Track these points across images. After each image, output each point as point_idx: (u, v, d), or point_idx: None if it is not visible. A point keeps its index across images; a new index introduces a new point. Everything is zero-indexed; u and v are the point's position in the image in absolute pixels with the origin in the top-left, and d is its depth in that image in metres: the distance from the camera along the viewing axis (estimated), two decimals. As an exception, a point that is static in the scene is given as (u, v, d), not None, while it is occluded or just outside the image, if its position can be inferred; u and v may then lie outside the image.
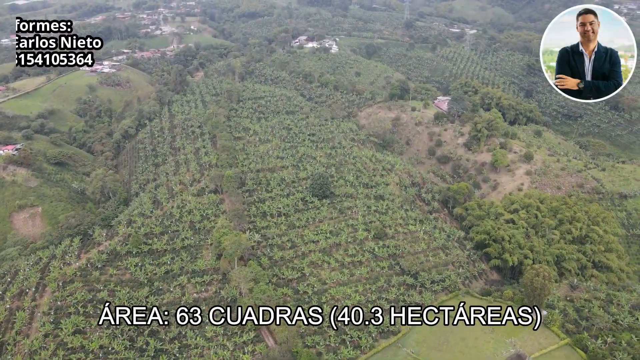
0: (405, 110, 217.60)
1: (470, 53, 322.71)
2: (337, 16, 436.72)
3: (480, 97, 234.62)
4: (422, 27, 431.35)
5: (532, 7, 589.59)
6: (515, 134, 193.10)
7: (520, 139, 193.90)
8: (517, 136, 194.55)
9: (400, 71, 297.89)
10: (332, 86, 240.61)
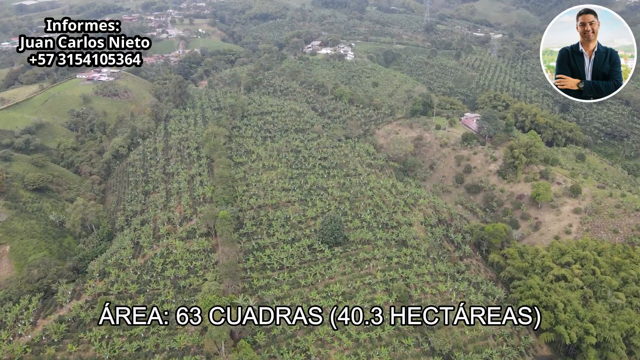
0: (428, 128, 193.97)
1: (498, 61, 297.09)
2: (353, 19, 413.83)
3: (513, 114, 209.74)
4: (443, 30, 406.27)
5: (560, 8, 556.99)
6: (557, 160, 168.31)
7: (562, 164, 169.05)
8: (559, 162, 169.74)
9: (421, 81, 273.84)
10: (346, 99, 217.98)
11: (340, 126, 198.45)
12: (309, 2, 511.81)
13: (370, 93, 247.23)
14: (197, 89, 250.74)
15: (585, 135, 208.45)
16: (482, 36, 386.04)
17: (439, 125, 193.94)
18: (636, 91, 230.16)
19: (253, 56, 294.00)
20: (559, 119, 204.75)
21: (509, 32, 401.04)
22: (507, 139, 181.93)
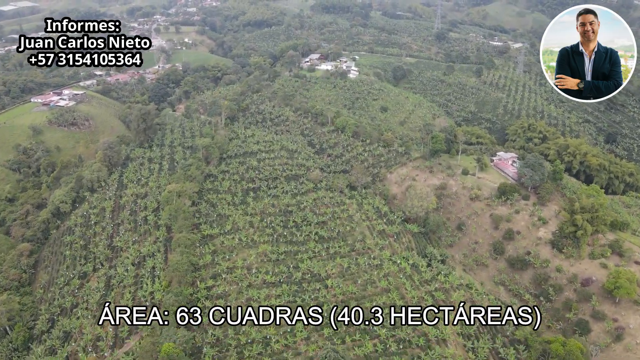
0: (453, 173, 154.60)
1: (524, 77, 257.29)
2: (357, 26, 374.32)
3: (556, 152, 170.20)
4: (456, 39, 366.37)
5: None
6: (626, 224, 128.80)
7: (635, 230, 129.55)
8: (628, 225, 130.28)
9: (437, 102, 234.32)
10: (350, 132, 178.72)
11: (342, 168, 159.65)
12: (308, 6, 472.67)
13: (378, 120, 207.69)
14: (173, 115, 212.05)
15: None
16: (501, 46, 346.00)
17: (466, 170, 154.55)
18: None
19: (242, 73, 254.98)
20: (615, 160, 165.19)
21: (530, 42, 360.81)
22: (555, 191, 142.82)
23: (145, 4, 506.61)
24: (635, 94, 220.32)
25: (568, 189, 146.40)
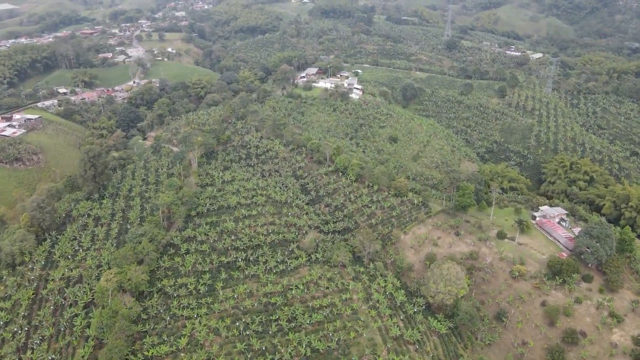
0: (486, 237, 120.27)
1: (554, 97, 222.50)
2: (359, 33, 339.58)
3: (612, 203, 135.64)
4: (468, 48, 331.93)
5: (597, 18, 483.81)
6: None
7: None
8: None
9: (455, 129, 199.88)
10: (353, 174, 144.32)
11: (344, 225, 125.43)
12: (306, 10, 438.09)
13: (386, 154, 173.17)
14: (142, 145, 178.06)
15: None
16: (519, 56, 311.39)
17: (503, 232, 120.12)
18: None
19: (227, 92, 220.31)
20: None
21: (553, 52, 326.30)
22: (626, 268, 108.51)
23: (132, 7, 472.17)
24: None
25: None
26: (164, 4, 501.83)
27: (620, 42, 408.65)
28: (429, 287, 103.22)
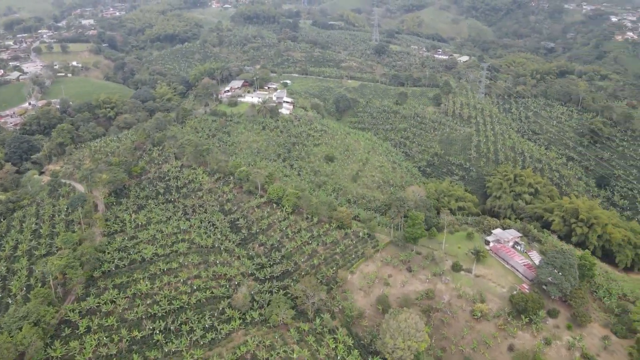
0: (441, 271, 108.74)
1: (488, 103, 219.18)
2: (285, 39, 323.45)
3: (561, 218, 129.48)
4: (397, 52, 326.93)
5: (512, 19, 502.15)
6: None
7: None
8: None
9: (393, 142, 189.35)
10: (289, 206, 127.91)
11: (282, 269, 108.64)
12: (228, 16, 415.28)
13: (323, 175, 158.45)
14: (39, 181, 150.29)
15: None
16: (447, 60, 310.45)
17: (458, 263, 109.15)
18: None
19: (142, 112, 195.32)
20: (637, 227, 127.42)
21: (479, 56, 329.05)
22: (590, 298, 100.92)
23: (31, 15, 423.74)
24: (619, 123, 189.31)
25: (604, 289, 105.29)
26: (69, 11, 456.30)
27: (536, 42, 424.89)
28: (385, 343, 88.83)
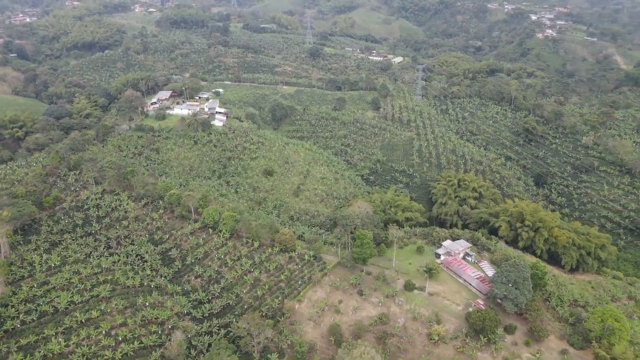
0: (394, 292, 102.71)
1: (425, 105, 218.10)
2: (216, 44, 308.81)
3: (507, 224, 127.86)
4: (332, 55, 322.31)
5: (441, 18, 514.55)
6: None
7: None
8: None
9: (334, 150, 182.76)
10: (227, 230, 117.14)
11: (222, 303, 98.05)
12: (152, 21, 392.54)
13: (262, 192, 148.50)
14: None
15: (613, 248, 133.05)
16: (382, 61, 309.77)
17: (411, 282, 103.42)
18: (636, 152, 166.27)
19: (56, 131, 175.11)
20: (581, 228, 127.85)
21: (410, 54, 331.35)
22: (545, 308, 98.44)
23: None
24: (550, 120, 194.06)
25: (556, 296, 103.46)
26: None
27: (465, 42, 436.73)
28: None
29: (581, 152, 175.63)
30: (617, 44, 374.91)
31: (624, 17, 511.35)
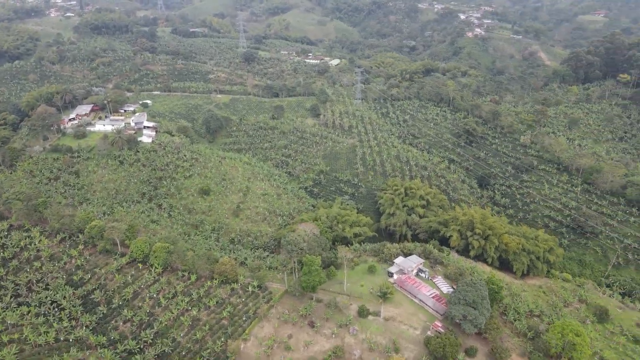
0: (347, 321, 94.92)
1: (366, 110, 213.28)
2: (142, 52, 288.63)
3: (458, 233, 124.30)
4: (268, 59, 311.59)
5: (375, 19, 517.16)
6: None
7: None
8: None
9: (274, 162, 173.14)
10: (160, 264, 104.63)
11: (156, 353, 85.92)
12: (70, 26, 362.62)
13: (199, 214, 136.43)
14: None
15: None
16: (319, 64, 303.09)
17: (364, 308, 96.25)
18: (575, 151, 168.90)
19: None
20: (532, 234, 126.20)
21: (348, 56, 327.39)
22: (503, 324, 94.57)
23: None
24: (488, 121, 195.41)
25: (512, 309, 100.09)
26: None
27: (399, 41, 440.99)
28: None
29: (520, 152, 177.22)
30: (540, 41, 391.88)
31: (543, 15, 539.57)
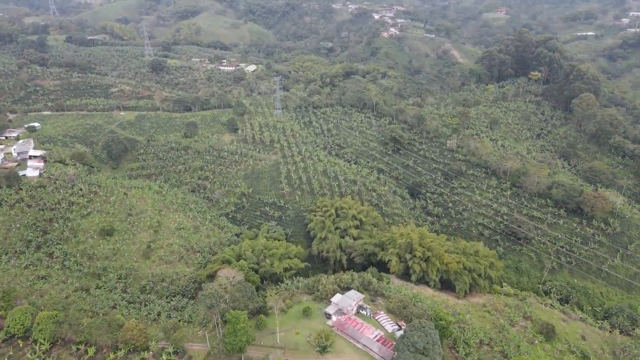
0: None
1: (288, 120, 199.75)
2: (30, 64, 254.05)
3: (397, 257, 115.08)
4: (178, 68, 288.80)
5: (290, 20, 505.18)
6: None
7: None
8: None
9: (190, 187, 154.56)
10: (47, 339, 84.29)
11: None
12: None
13: (101, 261, 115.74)
14: None
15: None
16: (234, 71, 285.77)
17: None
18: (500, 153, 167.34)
19: None
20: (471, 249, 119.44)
21: (267, 63, 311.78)
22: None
23: None
24: (414, 126, 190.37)
25: (462, 341, 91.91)
26: None
27: (316, 43, 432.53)
28: None
29: (448, 157, 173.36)
30: (451, 40, 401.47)
31: (452, 13, 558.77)
